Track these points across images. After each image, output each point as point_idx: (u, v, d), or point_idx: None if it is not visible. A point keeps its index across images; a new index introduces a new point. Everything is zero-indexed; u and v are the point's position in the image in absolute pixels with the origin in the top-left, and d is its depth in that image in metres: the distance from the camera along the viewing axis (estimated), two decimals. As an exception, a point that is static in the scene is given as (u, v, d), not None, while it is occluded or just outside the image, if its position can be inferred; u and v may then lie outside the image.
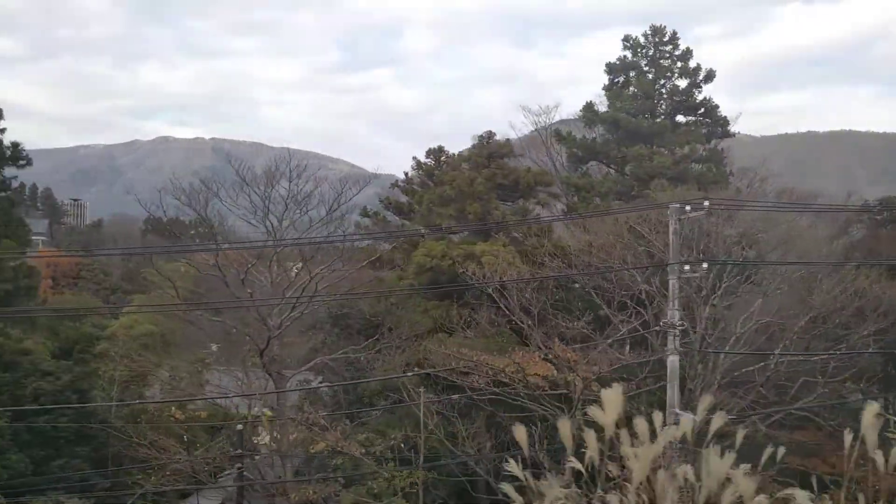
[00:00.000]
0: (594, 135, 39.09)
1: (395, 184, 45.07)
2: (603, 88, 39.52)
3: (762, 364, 25.76)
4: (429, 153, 47.29)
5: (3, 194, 32.82)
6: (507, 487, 3.46)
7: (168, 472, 26.67)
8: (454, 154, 47.91)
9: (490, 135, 34.29)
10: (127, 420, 30.29)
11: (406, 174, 46.16)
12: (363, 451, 20.12)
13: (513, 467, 3.54)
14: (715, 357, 25.68)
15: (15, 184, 33.97)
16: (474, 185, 31.51)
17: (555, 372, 17.16)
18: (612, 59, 38.88)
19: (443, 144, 42.38)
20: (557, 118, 48.03)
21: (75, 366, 30.05)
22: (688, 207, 22.49)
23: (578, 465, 3.39)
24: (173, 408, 29.41)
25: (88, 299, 39.89)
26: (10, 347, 27.87)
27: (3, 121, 33.62)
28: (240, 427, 21.68)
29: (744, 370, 26.00)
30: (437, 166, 45.07)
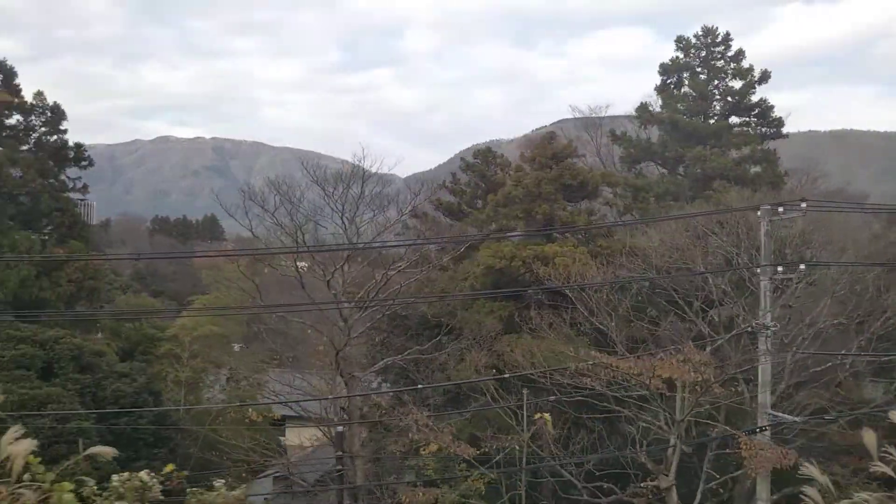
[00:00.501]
0: (647, 135, 39.15)
1: (442, 184, 45.18)
2: (655, 89, 39.68)
3: (829, 364, 25.84)
4: (476, 154, 47.38)
5: (69, 195, 32.72)
6: None
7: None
8: (503, 155, 47.99)
9: (551, 135, 34.29)
10: (195, 422, 30.30)
11: (454, 175, 46.23)
12: (477, 452, 20.07)
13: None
14: (782, 358, 25.73)
15: (79, 184, 33.83)
16: (541, 186, 31.51)
17: (692, 373, 17.15)
18: (666, 60, 39.08)
19: (485, 144, 42.37)
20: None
21: (147, 367, 30.00)
22: (781, 209, 22.53)
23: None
24: (250, 410, 29.37)
25: (145, 300, 39.80)
26: (88, 349, 27.78)
27: (65, 121, 33.55)
28: (340, 429, 21.63)
29: (812, 370, 26.09)
30: (485, 167, 45.17)
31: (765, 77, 37.84)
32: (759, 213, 23.41)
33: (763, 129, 38.84)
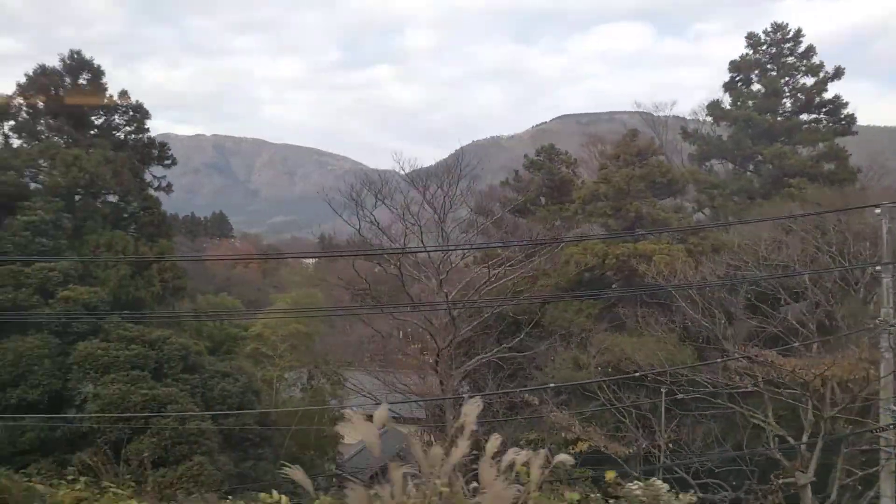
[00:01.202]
0: (718, 132, 39.22)
1: (505, 182, 45.23)
2: (723, 86, 39.74)
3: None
4: (539, 151, 47.35)
5: (155, 194, 32.56)
6: None
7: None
8: (567, 152, 47.98)
9: (635, 133, 34.32)
10: (286, 421, 30.22)
11: (516, 172, 46.19)
12: (629, 451, 20.08)
13: None
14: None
15: (163, 183, 33.66)
16: (631, 184, 31.56)
17: (856, 370, 17.20)
18: (735, 57, 39.16)
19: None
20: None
21: (245, 366, 29.91)
22: (904, 207, 22.53)
23: None
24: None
25: (225, 300, 39.57)
26: (192, 349, 27.67)
27: (149, 120, 33.37)
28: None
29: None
30: (549, 163, 45.13)
31: (838, 74, 37.97)
32: (877, 210, 23.41)
33: (832, 126, 38.90)
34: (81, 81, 31.78)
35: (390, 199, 32.74)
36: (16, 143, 31.69)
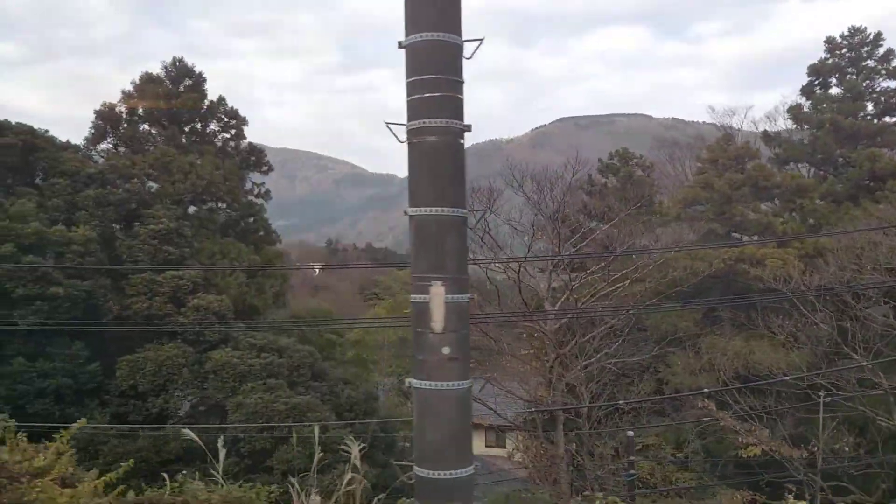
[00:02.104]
0: (799, 136, 39.44)
1: (580, 186, 45.33)
2: (801, 90, 39.96)
3: None
4: (612, 155, 47.48)
5: (258, 200, 32.51)
6: None
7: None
8: (641, 155, 48.04)
9: (728, 138, 34.50)
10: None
11: (590, 176, 46.29)
12: (804, 455, 20.19)
13: None
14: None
15: (262, 189, 33.59)
16: (734, 189, 31.71)
17: None
18: (814, 61, 39.38)
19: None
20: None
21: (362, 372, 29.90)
22: None
23: None
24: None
25: (322, 307, 39.48)
26: (318, 357, 27.67)
27: (245, 127, 33.33)
28: (630, 433, 21.66)
29: None
30: (623, 167, 45.27)
31: (921, 77, 38.25)
32: None
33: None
34: (182, 88, 31.72)
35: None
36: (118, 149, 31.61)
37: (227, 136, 32.92)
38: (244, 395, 24.36)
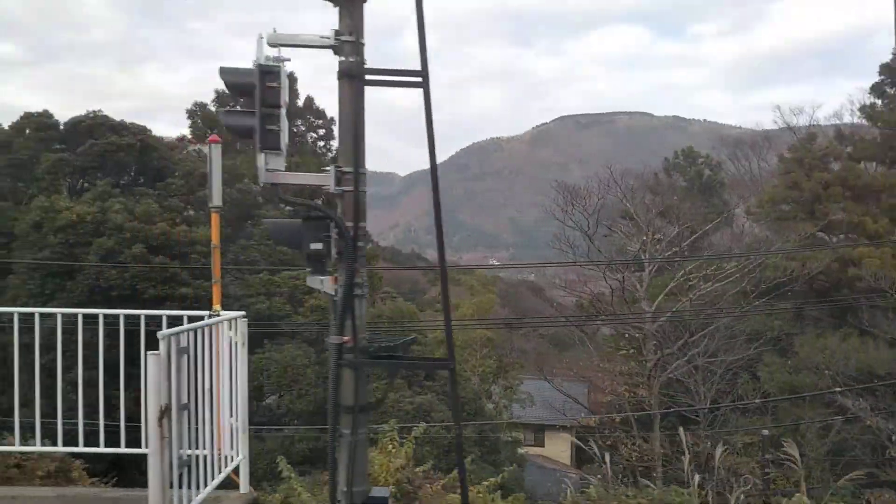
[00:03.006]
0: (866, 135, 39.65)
1: (647, 183, 45.49)
2: (870, 89, 40.20)
3: None
4: (677, 154, 47.60)
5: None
6: None
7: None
8: (708, 155, 48.12)
9: (813, 136, 34.68)
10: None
11: (656, 175, 46.41)
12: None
13: None
14: None
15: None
16: (823, 189, 31.84)
17: None
18: (886, 60, 39.62)
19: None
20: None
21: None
22: None
23: None
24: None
25: (404, 305, 39.28)
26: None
27: (333, 127, 33.25)
28: (765, 432, 21.76)
29: None
30: (689, 167, 45.39)
31: None
32: None
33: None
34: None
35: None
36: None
37: (314, 135, 32.85)
38: (369, 394, 24.36)
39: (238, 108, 6.06)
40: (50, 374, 5.53)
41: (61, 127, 26.60)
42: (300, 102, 32.30)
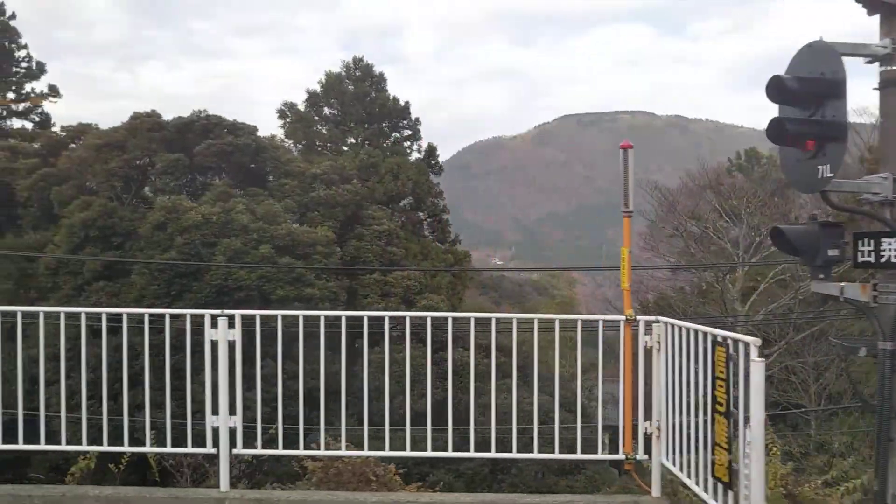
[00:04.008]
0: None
1: (708, 186, 45.69)
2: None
3: None
4: (739, 154, 47.74)
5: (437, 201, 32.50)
6: None
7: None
8: (771, 154, 48.39)
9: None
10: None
11: (717, 175, 46.53)
12: None
13: None
14: None
15: (438, 189, 33.52)
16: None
17: None
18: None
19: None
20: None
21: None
22: None
23: None
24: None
25: (483, 304, 39.43)
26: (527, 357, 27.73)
27: (420, 127, 33.28)
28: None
29: None
30: (750, 167, 45.54)
31: None
32: None
33: None
34: (367, 88, 31.64)
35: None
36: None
37: (398, 135, 32.85)
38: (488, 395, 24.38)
39: (795, 114, 6.04)
40: (179, 376, 5.49)
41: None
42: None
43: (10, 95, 40.87)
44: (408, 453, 6.28)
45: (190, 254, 22.75)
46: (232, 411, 5.64)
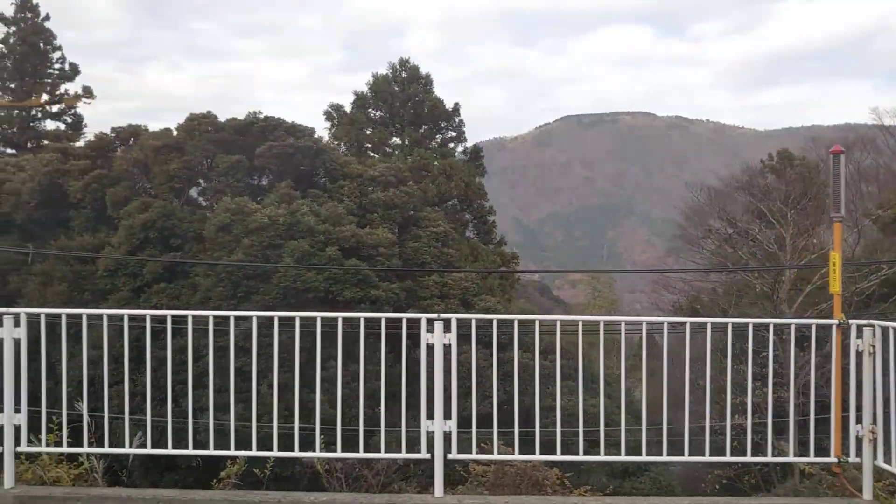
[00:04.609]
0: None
1: (740, 187, 45.75)
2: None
3: None
4: (771, 156, 47.88)
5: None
6: None
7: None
8: (803, 157, 48.43)
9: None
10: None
11: (750, 177, 46.57)
12: None
13: None
14: None
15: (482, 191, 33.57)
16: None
17: None
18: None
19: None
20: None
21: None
22: None
23: None
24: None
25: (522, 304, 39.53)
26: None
27: (464, 127, 33.29)
28: None
29: None
30: (784, 168, 45.61)
31: None
32: None
33: None
34: (417, 89, 31.65)
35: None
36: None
37: (441, 136, 32.87)
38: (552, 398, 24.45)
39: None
40: (245, 378, 5.49)
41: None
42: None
43: (45, 97, 40.84)
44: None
45: (256, 256, 22.75)
46: (447, 415, 5.59)
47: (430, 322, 5.68)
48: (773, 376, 6.71)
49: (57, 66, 41.77)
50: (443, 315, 5.65)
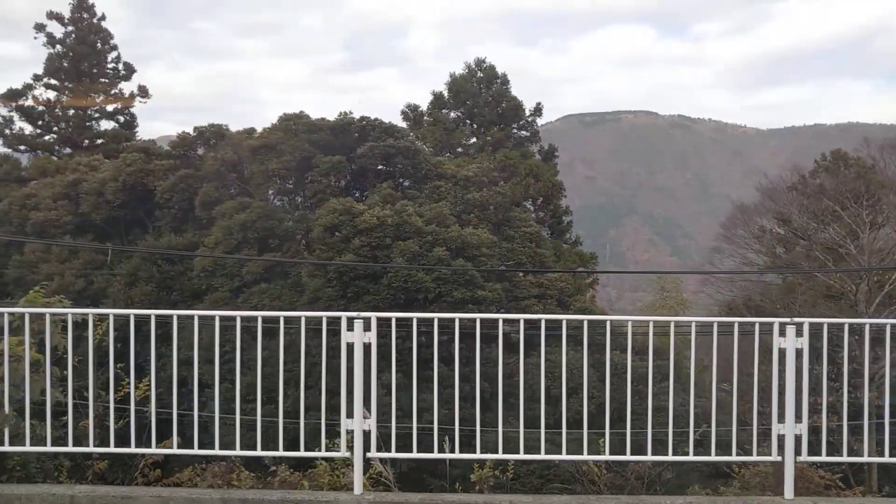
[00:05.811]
0: None
1: (793, 187, 45.90)
2: None
3: None
4: (824, 156, 48.08)
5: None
6: None
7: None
8: (857, 157, 48.71)
9: None
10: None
11: (802, 177, 46.74)
12: None
13: None
14: None
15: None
16: None
17: None
18: None
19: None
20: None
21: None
22: None
23: None
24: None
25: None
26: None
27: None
28: None
29: None
30: (838, 168, 45.81)
31: None
32: None
33: None
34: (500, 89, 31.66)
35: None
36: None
37: (518, 135, 32.92)
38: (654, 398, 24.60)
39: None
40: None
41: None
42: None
43: (100, 97, 40.78)
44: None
45: (367, 256, 22.80)
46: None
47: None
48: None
49: (111, 65, 41.69)
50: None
